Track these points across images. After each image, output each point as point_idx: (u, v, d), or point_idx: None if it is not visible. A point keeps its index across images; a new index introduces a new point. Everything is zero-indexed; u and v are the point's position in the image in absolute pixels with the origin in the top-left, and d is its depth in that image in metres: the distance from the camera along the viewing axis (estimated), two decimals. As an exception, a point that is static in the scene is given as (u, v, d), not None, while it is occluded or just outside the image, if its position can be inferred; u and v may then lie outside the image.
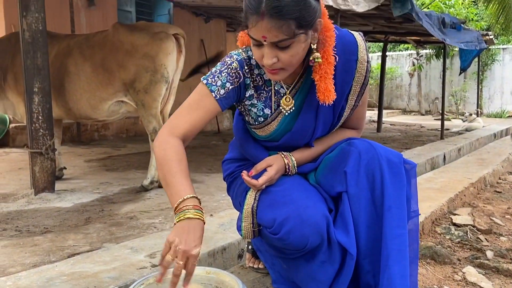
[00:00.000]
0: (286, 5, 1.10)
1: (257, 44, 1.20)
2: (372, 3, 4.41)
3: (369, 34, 8.37)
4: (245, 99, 1.39)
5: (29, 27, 3.08)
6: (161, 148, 1.28)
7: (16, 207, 2.95)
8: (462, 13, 11.58)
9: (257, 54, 1.22)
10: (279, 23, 1.12)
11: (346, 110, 1.41)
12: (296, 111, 1.37)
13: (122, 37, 3.44)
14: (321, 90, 1.27)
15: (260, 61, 1.23)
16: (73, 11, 6.08)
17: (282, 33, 1.13)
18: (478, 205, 3.19)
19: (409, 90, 15.48)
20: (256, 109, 1.40)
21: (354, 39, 1.35)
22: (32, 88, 3.12)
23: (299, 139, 1.41)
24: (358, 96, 1.40)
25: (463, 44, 6.33)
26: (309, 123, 1.37)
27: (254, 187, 1.35)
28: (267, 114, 1.39)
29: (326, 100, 1.27)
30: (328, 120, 1.39)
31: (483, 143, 6.99)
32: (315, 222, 1.24)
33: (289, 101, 1.36)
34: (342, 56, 1.32)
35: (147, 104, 3.44)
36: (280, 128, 1.39)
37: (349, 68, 1.34)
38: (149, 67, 3.38)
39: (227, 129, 8.90)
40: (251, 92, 1.38)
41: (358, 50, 1.34)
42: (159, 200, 3.17)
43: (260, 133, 1.43)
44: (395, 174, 1.28)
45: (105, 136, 6.71)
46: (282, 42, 1.15)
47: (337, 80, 1.32)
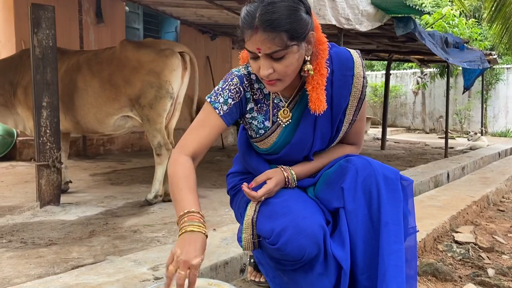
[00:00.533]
0: (277, 19, 1.18)
1: (253, 57, 1.27)
2: (375, 23, 4.49)
3: (373, 53, 8.46)
4: (246, 113, 1.45)
5: (40, 43, 3.17)
6: (171, 166, 1.35)
7: (22, 220, 2.98)
8: (465, 33, 11.67)
9: (254, 66, 1.29)
10: (271, 35, 1.19)
11: (344, 124, 1.45)
12: (294, 124, 1.42)
13: (129, 53, 3.53)
14: (313, 100, 1.33)
15: (257, 73, 1.30)
16: (82, 28, 6.21)
17: (275, 44, 1.20)
18: (481, 223, 3.19)
19: (413, 108, 15.52)
20: (256, 121, 1.45)
21: (350, 55, 1.41)
22: (41, 102, 3.20)
23: (298, 151, 1.44)
24: (355, 110, 1.44)
25: (466, 63, 6.39)
26: (307, 136, 1.42)
27: (253, 198, 1.38)
28: (267, 127, 1.44)
29: (317, 109, 1.33)
30: (326, 133, 1.43)
31: (487, 162, 6.98)
32: (312, 232, 1.27)
33: (286, 114, 1.42)
34: (338, 71, 1.38)
35: (152, 119, 3.51)
36: (280, 140, 1.43)
37: (345, 83, 1.39)
38: (154, 83, 3.45)
39: (231, 145, 8.95)
40: (251, 105, 1.44)
41: (355, 66, 1.40)
42: (162, 214, 3.19)
43: (261, 146, 1.48)
44: (392, 190, 1.31)
45: (110, 151, 6.77)
46: (275, 53, 1.22)
47: (334, 94, 1.38)
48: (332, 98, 1.39)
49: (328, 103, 1.39)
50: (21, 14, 5.54)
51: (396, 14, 4.74)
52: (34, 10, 3.15)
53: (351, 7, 4.02)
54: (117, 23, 6.91)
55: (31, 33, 3.16)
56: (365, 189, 1.31)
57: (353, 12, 4.08)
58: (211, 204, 3.53)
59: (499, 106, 13.78)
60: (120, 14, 6.98)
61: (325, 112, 1.38)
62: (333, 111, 1.41)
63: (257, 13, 1.20)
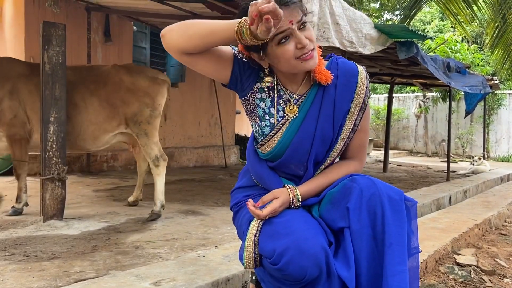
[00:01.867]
0: None
1: (284, 41, 1.33)
2: (378, 46, 4.56)
3: (376, 76, 8.56)
4: (256, 91, 1.50)
5: (50, 60, 3.25)
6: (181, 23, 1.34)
7: (25, 233, 3.00)
8: (468, 58, 11.81)
9: (287, 49, 1.34)
10: (293, 7, 1.33)
11: (344, 131, 1.48)
12: (299, 122, 1.47)
13: (123, 77, 3.77)
14: (321, 71, 1.43)
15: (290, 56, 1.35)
16: (90, 46, 6.33)
17: (300, 12, 1.34)
18: (483, 246, 3.18)
19: (415, 132, 15.56)
20: (264, 104, 1.50)
21: (356, 66, 1.51)
22: (48, 117, 3.25)
23: (299, 154, 1.47)
24: (356, 119, 1.49)
25: (468, 88, 6.45)
26: (308, 135, 1.46)
27: (258, 217, 1.40)
28: (272, 114, 1.49)
29: (328, 79, 1.43)
30: (327, 134, 1.47)
31: (490, 186, 6.97)
32: (314, 254, 1.27)
33: (292, 109, 1.48)
34: (343, 76, 1.47)
35: (150, 133, 3.79)
36: (284, 138, 1.47)
37: (349, 88, 1.47)
38: (149, 104, 3.79)
39: (234, 164, 8.98)
40: (262, 85, 1.49)
41: (359, 75, 1.48)
42: (165, 231, 3.20)
43: (266, 149, 1.51)
44: (396, 211, 1.32)
45: (113, 167, 6.81)
46: (303, 18, 1.34)
47: (337, 97, 1.45)
48: (335, 100, 1.46)
49: (331, 105, 1.46)
50: (31, 31, 5.66)
51: (399, 38, 4.82)
52: (46, 28, 3.23)
53: (354, 30, 4.10)
54: (124, 42, 7.04)
55: (42, 49, 3.23)
56: (369, 209, 1.32)
57: (356, 36, 4.16)
58: (213, 222, 3.54)
59: (501, 131, 13.81)
60: (128, 33, 7.12)
61: (327, 112, 1.45)
62: (335, 114, 1.46)
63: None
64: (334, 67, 1.48)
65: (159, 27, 7.23)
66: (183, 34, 1.31)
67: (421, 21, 17.74)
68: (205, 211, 3.98)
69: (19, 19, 5.80)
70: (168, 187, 5.40)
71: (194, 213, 3.89)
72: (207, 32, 1.30)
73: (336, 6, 3.67)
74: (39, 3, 5.79)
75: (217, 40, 1.32)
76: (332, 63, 1.50)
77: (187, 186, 5.57)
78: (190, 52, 1.35)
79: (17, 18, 5.86)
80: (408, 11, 8.79)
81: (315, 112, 1.45)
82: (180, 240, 2.97)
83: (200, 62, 1.39)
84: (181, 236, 3.07)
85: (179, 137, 8.07)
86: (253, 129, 1.58)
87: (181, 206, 4.18)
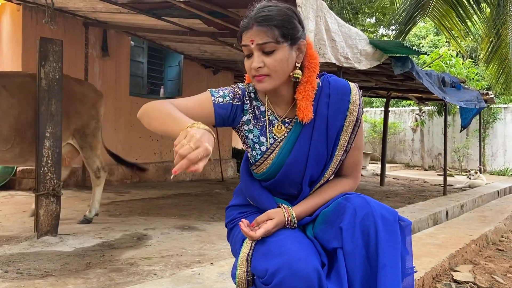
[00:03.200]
0: (269, 14, 1.34)
1: (247, 55, 1.38)
2: (373, 62, 4.61)
3: (371, 90, 8.62)
4: (243, 124, 1.51)
5: (47, 76, 3.25)
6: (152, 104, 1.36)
7: (19, 250, 2.97)
8: (463, 72, 11.91)
9: (247, 65, 1.39)
10: (264, 29, 1.33)
11: (339, 150, 1.48)
12: (292, 143, 1.46)
13: (75, 87, 3.84)
14: (302, 108, 1.42)
15: (249, 72, 1.39)
16: (87, 60, 6.35)
17: (267, 36, 1.33)
18: (480, 262, 3.17)
19: (412, 145, 15.61)
20: (252, 135, 1.50)
21: (348, 84, 1.51)
22: (44, 132, 3.24)
23: (294, 173, 1.46)
24: (350, 137, 1.48)
25: (463, 103, 6.50)
26: (302, 155, 1.45)
27: (251, 238, 1.39)
28: (262, 142, 1.49)
29: (304, 118, 1.41)
30: (321, 154, 1.46)
31: (486, 200, 6.97)
32: (306, 274, 1.25)
33: (280, 129, 1.48)
34: (335, 95, 1.47)
35: (94, 146, 3.92)
36: (278, 160, 1.46)
37: (341, 107, 1.46)
38: (94, 116, 3.93)
39: (231, 178, 8.96)
40: (249, 117, 1.51)
41: (351, 93, 1.48)
42: (160, 247, 3.18)
43: (260, 169, 1.51)
44: (390, 231, 1.30)
45: (109, 182, 6.77)
46: (267, 45, 1.33)
47: (329, 116, 1.45)
48: (327, 119, 1.45)
49: (324, 124, 1.45)
50: (28, 46, 5.68)
51: (394, 54, 4.87)
52: (43, 44, 3.25)
53: (350, 46, 4.14)
54: (122, 57, 7.07)
55: (39, 65, 3.24)
56: (363, 230, 1.30)
57: (352, 51, 4.20)
58: (209, 238, 3.52)
59: (497, 145, 13.87)
60: (126, 48, 7.16)
61: (320, 132, 1.44)
62: (328, 133, 1.45)
63: (253, 15, 1.36)
64: (326, 85, 1.48)
65: (156, 42, 7.28)
66: (148, 125, 1.36)
67: (416, 36, 17.94)
68: (201, 226, 3.95)
69: (17, 34, 5.83)
70: (165, 201, 5.39)
71: (190, 229, 3.87)
72: (163, 131, 1.31)
73: (332, 23, 3.71)
74: (37, 18, 5.82)
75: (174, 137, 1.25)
76: (324, 81, 1.50)
77: (184, 200, 5.55)
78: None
79: (14, 33, 5.89)
80: (403, 27, 8.88)
81: (309, 133, 1.45)
82: (176, 257, 2.94)
83: None
84: (177, 253, 3.05)
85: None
86: (247, 152, 1.58)
87: (177, 221, 4.15)
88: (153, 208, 4.84)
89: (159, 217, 4.35)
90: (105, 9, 5.28)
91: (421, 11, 8.63)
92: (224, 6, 4.34)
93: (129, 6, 4.91)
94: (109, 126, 6.85)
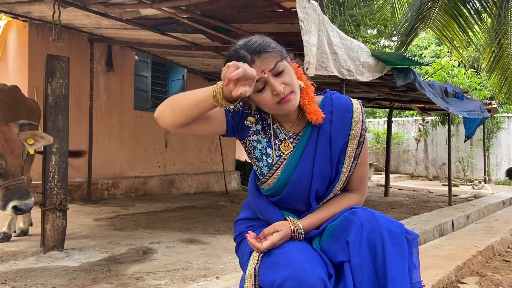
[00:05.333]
0: (265, 42, 1.38)
1: (259, 89, 1.37)
2: (376, 74, 4.64)
3: (374, 101, 8.64)
4: (252, 134, 1.53)
5: (53, 92, 3.30)
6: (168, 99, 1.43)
7: (26, 265, 2.98)
8: (465, 82, 11.94)
9: (264, 97, 1.38)
10: (267, 54, 1.36)
11: (345, 166, 1.49)
12: (296, 160, 1.48)
13: (24, 99, 3.85)
14: (312, 111, 1.45)
15: (269, 102, 1.39)
16: (92, 75, 6.42)
17: (274, 58, 1.36)
18: (486, 274, 3.15)
19: (416, 155, 15.58)
20: (260, 145, 1.52)
21: (350, 101, 1.53)
22: (50, 148, 3.28)
23: (299, 190, 1.48)
24: (356, 153, 1.50)
25: (466, 113, 6.51)
26: (306, 172, 1.47)
27: (257, 250, 1.41)
28: (269, 154, 1.51)
29: (319, 118, 1.44)
30: (325, 171, 1.48)
31: (492, 210, 6.93)
32: (313, 285, 1.26)
33: (288, 146, 1.50)
34: (338, 112, 1.49)
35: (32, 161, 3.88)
36: (282, 176, 1.48)
37: (344, 123, 1.48)
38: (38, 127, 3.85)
39: (235, 190, 8.97)
40: (258, 127, 1.52)
41: (353, 109, 1.50)
42: (165, 261, 3.18)
43: (266, 185, 1.53)
44: (397, 244, 1.31)
45: (114, 195, 6.80)
46: (277, 65, 1.36)
47: (332, 132, 1.46)
48: (330, 136, 1.47)
49: (327, 141, 1.47)
50: (35, 62, 5.76)
51: (396, 65, 4.91)
52: (49, 61, 3.30)
53: (352, 59, 4.18)
54: (126, 71, 7.15)
55: (45, 82, 3.29)
56: (370, 243, 1.31)
57: (354, 64, 4.23)
58: (214, 251, 3.52)
59: (501, 154, 13.83)
60: (130, 62, 7.24)
61: (323, 149, 1.46)
62: (331, 149, 1.47)
63: (248, 49, 1.36)
64: (328, 102, 1.50)
65: (160, 56, 7.36)
66: (173, 113, 1.39)
67: (418, 46, 18.02)
68: (206, 240, 3.96)
69: (23, 51, 5.91)
70: (169, 214, 5.40)
71: (195, 242, 3.87)
72: (192, 105, 1.36)
73: (334, 36, 3.75)
74: (43, 35, 5.91)
75: (203, 110, 1.37)
76: (327, 99, 1.52)
77: (188, 213, 5.56)
78: (184, 124, 1.41)
79: (21, 49, 5.97)
80: (405, 38, 8.93)
81: (312, 149, 1.47)
82: (181, 271, 2.95)
83: (196, 128, 1.45)
84: (182, 267, 3.05)
85: (180, 163, 8.09)
86: (254, 167, 1.60)
87: (182, 235, 4.16)
88: (158, 222, 4.85)
89: (164, 230, 4.36)
90: (110, 25, 5.37)
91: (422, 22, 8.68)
92: (227, 21, 4.41)
93: (133, 23, 4.99)
94: (114, 139, 6.90)
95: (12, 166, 2.78)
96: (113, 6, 4.49)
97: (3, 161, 2.75)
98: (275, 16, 4.11)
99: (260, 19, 4.29)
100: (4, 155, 2.77)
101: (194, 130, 1.46)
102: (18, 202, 2.68)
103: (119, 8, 4.50)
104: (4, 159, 2.76)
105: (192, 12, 4.23)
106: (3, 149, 2.78)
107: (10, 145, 2.83)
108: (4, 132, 2.84)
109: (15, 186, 2.72)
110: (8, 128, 2.90)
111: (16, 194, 2.70)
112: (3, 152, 2.78)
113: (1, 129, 2.85)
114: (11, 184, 2.72)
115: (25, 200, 2.70)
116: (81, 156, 4.95)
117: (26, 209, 2.72)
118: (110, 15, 4.83)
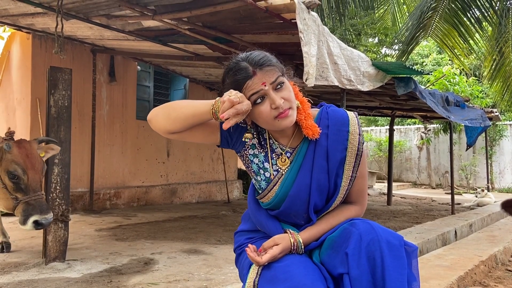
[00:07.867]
0: (267, 56, 1.42)
1: (259, 102, 1.39)
2: (376, 83, 4.66)
3: (376, 109, 8.66)
4: (249, 148, 1.53)
5: (56, 103, 3.33)
6: (164, 104, 1.47)
7: (27, 277, 2.99)
8: (467, 90, 11.93)
9: (262, 110, 1.40)
10: (269, 68, 1.39)
11: (344, 180, 1.49)
12: (294, 175, 1.49)
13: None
14: (308, 126, 1.46)
15: (267, 117, 1.40)
16: (95, 86, 6.47)
17: (275, 73, 1.39)
18: (489, 284, 3.14)
19: (418, 163, 15.55)
20: (258, 159, 1.53)
21: (346, 114, 1.53)
22: (53, 159, 3.30)
23: (298, 205, 1.49)
24: (354, 167, 1.50)
25: (467, 121, 6.51)
26: (304, 187, 1.47)
27: (257, 263, 1.41)
28: (266, 168, 1.51)
29: (315, 133, 1.45)
30: (323, 185, 1.48)
31: (495, 219, 6.90)
32: None
33: (284, 161, 1.51)
34: (334, 126, 1.49)
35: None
36: (280, 192, 1.49)
37: (340, 137, 1.48)
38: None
39: (237, 199, 8.95)
40: (254, 141, 1.54)
41: (350, 123, 1.50)
42: (167, 272, 3.18)
43: (265, 200, 1.54)
44: (396, 257, 1.31)
45: (116, 205, 6.80)
46: (278, 79, 1.39)
47: (329, 147, 1.47)
48: (327, 151, 1.47)
49: (324, 156, 1.47)
50: (38, 73, 5.81)
51: (396, 74, 4.93)
52: (52, 72, 3.33)
53: (352, 69, 4.20)
54: (129, 81, 7.20)
55: (48, 93, 3.32)
56: (369, 255, 1.31)
57: (354, 73, 4.26)
58: (215, 262, 3.51)
59: (504, 162, 13.78)
60: (132, 73, 7.29)
61: (320, 163, 1.46)
62: (329, 164, 1.47)
63: (250, 61, 1.40)
64: (324, 116, 1.51)
65: (162, 66, 7.41)
66: (167, 118, 1.43)
67: (419, 54, 18.06)
68: (207, 250, 3.95)
69: (26, 62, 5.96)
70: (171, 224, 5.39)
71: (197, 252, 3.87)
72: (189, 115, 1.40)
73: (334, 46, 3.78)
74: (46, 46, 5.97)
75: (198, 121, 1.41)
76: (323, 112, 1.53)
77: (190, 223, 5.55)
78: (176, 132, 1.45)
79: (24, 60, 6.03)
80: (406, 46, 8.96)
81: (309, 164, 1.47)
82: (182, 282, 2.94)
83: (188, 136, 1.49)
84: (184, 277, 3.05)
85: (182, 173, 8.10)
86: (252, 181, 1.61)
87: (183, 245, 4.16)
88: (159, 232, 4.85)
89: (165, 240, 4.36)
90: (113, 36, 5.41)
91: (423, 31, 8.72)
92: (228, 32, 4.44)
93: (135, 34, 5.03)
94: (116, 149, 6.93)
95: (33, 181, 2.86)
96: (115, 18, 4.54)
97: (25, 176, 2.83)
98: (276, 27, 4.14)
99: (261, 30, 4.32)
100: (26, 171, 2.85)
101: (185, 137, 1.49)
102: (39, 216, 2.74)
103: (121, 20, 4.55)
104: (26, 174, 2.84)
105: (194, 24, 4.27)
106: (25, 164, 2.86)
107: (32, 161, 2.91)
108: (26, 148, 2.93)
109: (36, 201, 2.79)
110: (29, 145, 2.99)
111: (36, 209, 2.76)
112: (25, 167, 2.86)
113: (23, 145, 2.94)
114: (32, 199, 2.79)
115: (45, 215, 2.76)
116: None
117: (46, 223, 2.78)
118: (112, 27, 4.88)
